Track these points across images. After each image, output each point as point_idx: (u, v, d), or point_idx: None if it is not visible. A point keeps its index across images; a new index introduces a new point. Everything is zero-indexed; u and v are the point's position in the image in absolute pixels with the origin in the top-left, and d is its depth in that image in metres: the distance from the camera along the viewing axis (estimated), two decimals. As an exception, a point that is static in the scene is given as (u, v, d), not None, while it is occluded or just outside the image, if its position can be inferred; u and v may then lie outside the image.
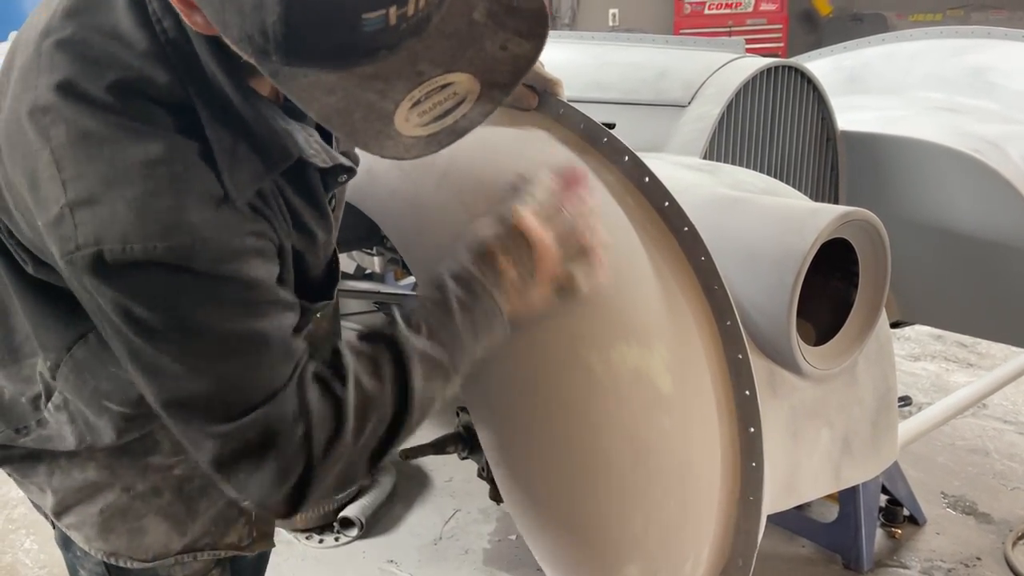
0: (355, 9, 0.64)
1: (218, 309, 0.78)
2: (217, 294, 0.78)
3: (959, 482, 2.72)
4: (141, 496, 1.07)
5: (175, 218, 0.75)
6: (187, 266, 0.75)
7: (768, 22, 8.12)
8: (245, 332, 0.79)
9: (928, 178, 2.13)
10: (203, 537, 1.11)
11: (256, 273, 0.80)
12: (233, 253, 0.78)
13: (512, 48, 0.72)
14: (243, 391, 0.80)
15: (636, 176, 1.14)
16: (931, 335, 3.81)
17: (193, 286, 0.76)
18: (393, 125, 0.69)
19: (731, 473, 1.08)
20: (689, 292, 1.09)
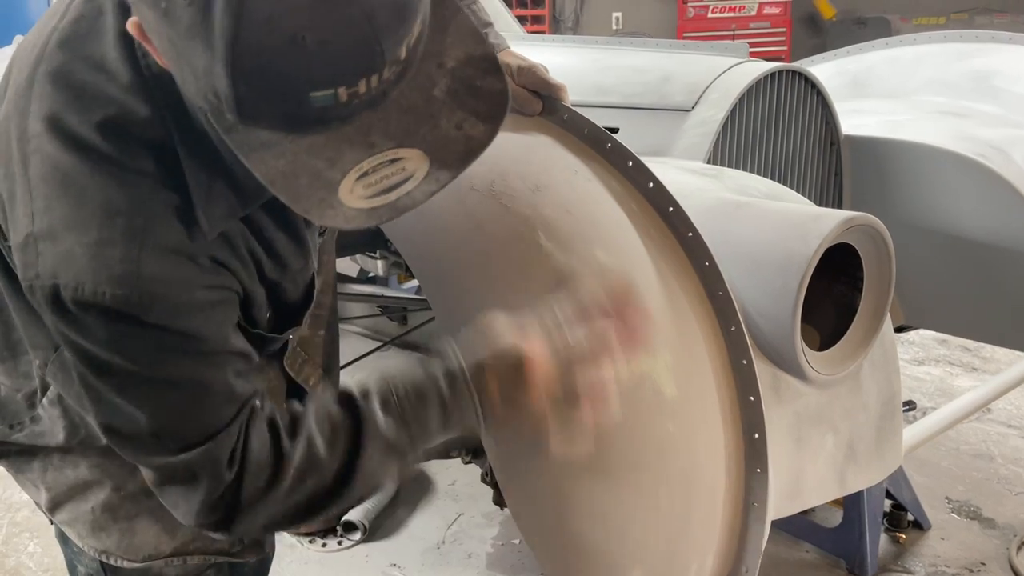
0: (302, 88, 0.64)
1: (161, 357, 0.81)
2: (162, 344, 0.81)
3: (963, 487, 2.71)
4: (132, 496, 1.09)
5: (125, 269, 0.77)
6: (134, 315, 0.78)
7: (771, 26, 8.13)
8: (186, 379, 0.83)
9: (932, 182, 2.13)
10: (193, 541, 1.13)
11: (204, 326, 0.83)
12: (182, 307, 0.80)
13: (467, 129, 0.71)
14: (179, 431, 0.84)
15: (640, 181, 1.14)
16: (935, 339, 3.80)
17: (138, 334, 0.79)
18: (337, 195, 0.69)
19: (736, 479, 1.08)
20: (693, 297, 1.09)
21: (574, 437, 0.96)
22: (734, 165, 1.92)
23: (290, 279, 0.96)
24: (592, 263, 1.06)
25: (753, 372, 1.08)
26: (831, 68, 2.75)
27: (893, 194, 2.18)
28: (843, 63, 2.79)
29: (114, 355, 0.80)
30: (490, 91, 0.72)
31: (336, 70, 0.64)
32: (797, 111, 2.04)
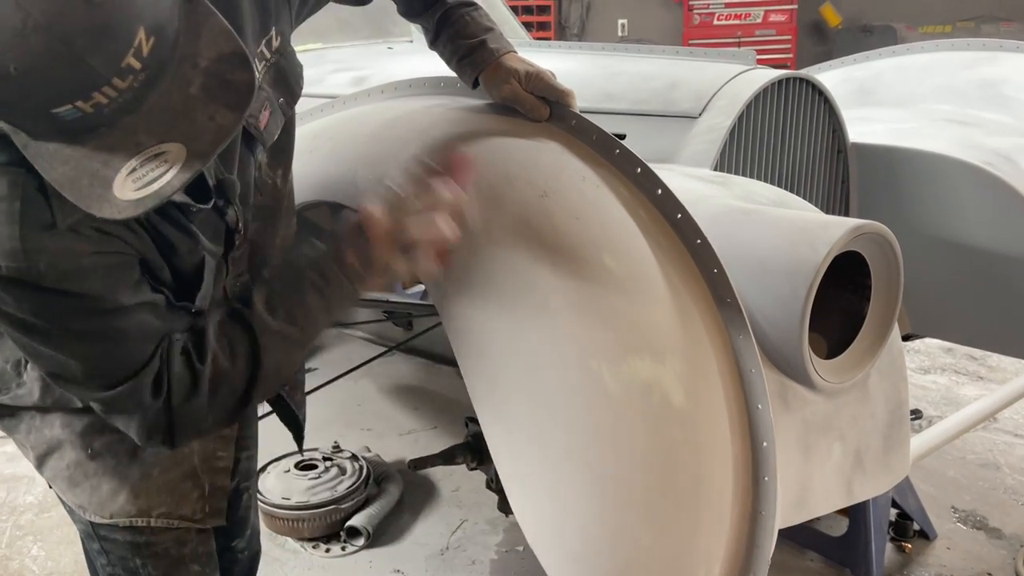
0: (42, 106, 0.77)
1: (68, 315, 0.94)
2: (64, 305, 0.93)
3: (970, 497, 2.70)
4: (98, 455, 1.19)
5: (13, 247, 0.89)
6: (32, 282, 0.91)
7: (777, 33, 8.13)
8: (96, 331, 0.96)
9: (939, 190, 2.13)
10: (158, 505, 1.22)
11: (100, 287, 0.94)
12: (71, 273, 0.92)
13: (218, 119, 0.83)
14: (105, 373, 0.98)
15: (648, 188, 1.14)
16: (941, 348, 3.79)
17: (41, 298, 0.92)
18: (112, 190, 0.81)
19: (743, 487, 1.07)
20: (702, 305, 1.09)
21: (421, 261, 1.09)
22: (741, 172, 1.92)
23: (180, 258, 1.06)
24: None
25: (762, 380, 1.08)
26: (838, 76, 2.75)
27: (900, 202, 2.18)
28: (850, 71, 2.79)
29: (28, 316, 0.93)
30: (239, 83, 0.83)
31: (58, 90, 0.76)
32: (804, 118, 2.04)
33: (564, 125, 1.23)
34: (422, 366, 3.69)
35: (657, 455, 1.04)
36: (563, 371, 1.06)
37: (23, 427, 1.22)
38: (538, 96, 1.25)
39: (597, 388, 1.04)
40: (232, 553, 1.51)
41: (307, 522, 2.51)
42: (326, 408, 3.32)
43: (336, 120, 1.52)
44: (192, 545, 1.27)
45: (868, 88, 2.68)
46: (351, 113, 1.54)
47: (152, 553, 1.24)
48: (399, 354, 3.26)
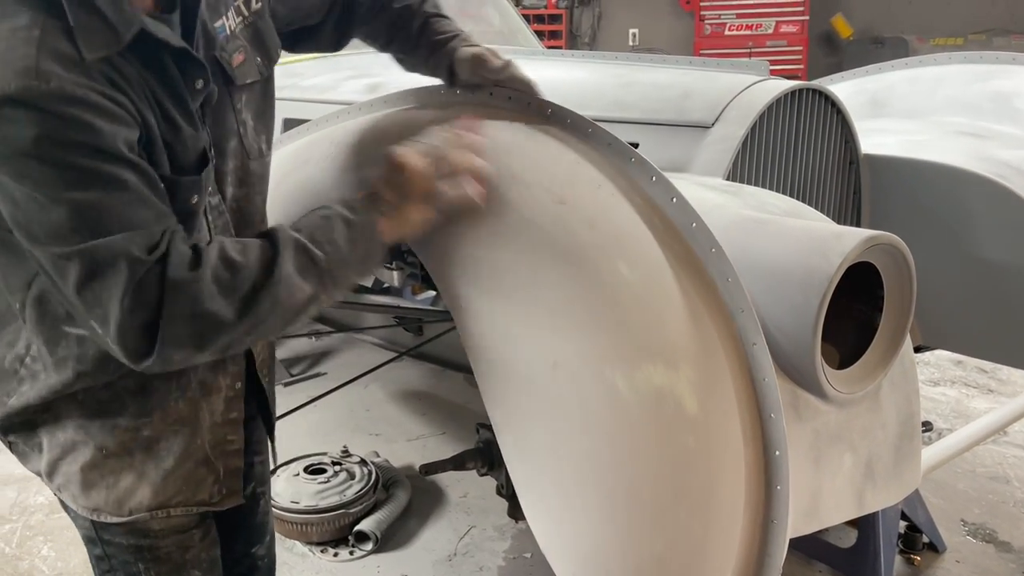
0: None
1: (69, 147, 0.93)
2: (65, 132, 0.92)
3: (979, 510, 2.69)
4: (114, 455, 1.18)
5: (26, 64, 0.91)
6: (37, 103, 0.91)
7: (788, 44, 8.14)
8: (97, 171, 0.94)
9: (951, 202, 2.13)
10: (176, 495, 1.22)
11: (103, 126, 0.94)
12: (79, 101, 0.93)
13: None
14: (100, 220, 0.94)
15: (663, 197, 1.14)
16: (951, 360, 3.78)
17: (44, 122, 0.92)
18: None
19: (755, 496, 1.08)
20: (715, 313, 1.09)
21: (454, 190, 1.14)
22: (753, 182, 1.92)
23: (180, 143, 1.07)
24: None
25: (775, 389, 1.08)
26: (850, 87, 2.75)
27: (912, 214, 2.18)
28: (862, 82, 2.79)
29: (27, 146, 0.91)
30: None
31: None
32: (817, 129, 2.04)
33: (580, 134, 1.24)
34: (431, 372, 3.70)
35: (670, 462, 1.04)
36: (577, 377, 1.06)
37: (42, 432, 1.19)
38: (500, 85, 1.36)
39: (611, 395, 1.04)
40: (252, 559, 1.50)
41: (316, 526, 2.52)
42: (335, 413, 3.34)
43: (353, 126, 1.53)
44: (195, 551, 1.28)
45: (880, 100, 2.68)
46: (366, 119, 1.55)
47: (155, 557, 1.24)
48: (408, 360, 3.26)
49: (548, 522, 1.12)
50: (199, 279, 0.97)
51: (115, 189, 0.95)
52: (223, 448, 1.25)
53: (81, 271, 0.95)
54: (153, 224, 0.97)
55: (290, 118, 2.61)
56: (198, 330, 0.99)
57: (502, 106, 1.35)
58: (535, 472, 1.11)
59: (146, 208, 0.97)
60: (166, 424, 1.19)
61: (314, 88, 2.74)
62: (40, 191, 0.93)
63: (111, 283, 0.95)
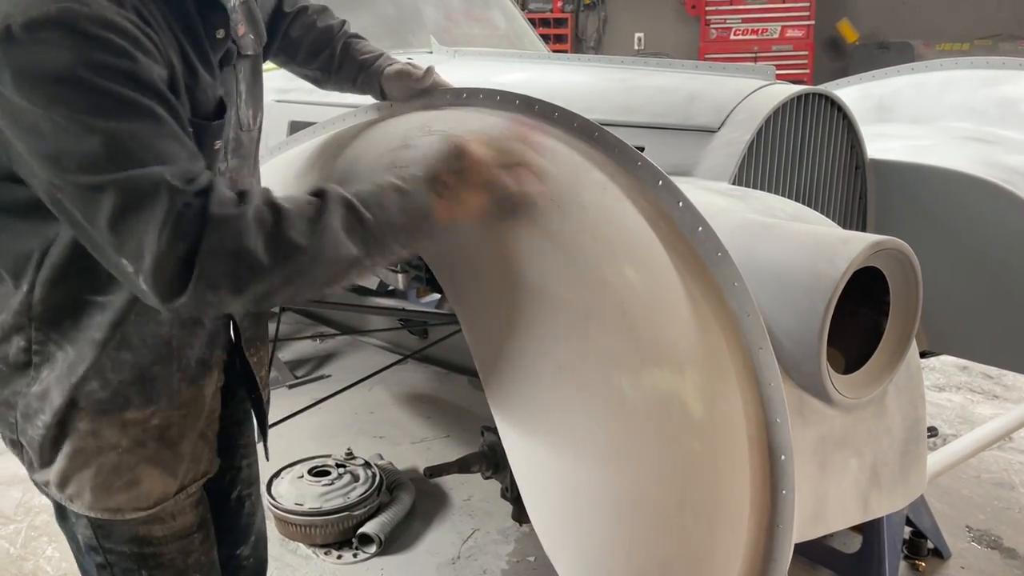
0: None
1: (106, 71, 0.91)
2: (103, 57, 0.91)
3: (984, 516, 2.68)
4: (129, 450, 1.17)
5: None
6: (77, 26, 0.90)
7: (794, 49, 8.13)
8: (132, 99, 0.92)
9: (957, 208, 2.12)
10: (188, 473, 1.24)
11: (139, 56, 0.93)
12: (117, 27, 0.92)
13: None
14: (135, 148, 0.92)
15: (669, 201, 1.15)
16: (956, 366, 3.77)
17: (83, 45, 0.90)
18: None
19: (761, 500, 1.08)
20: (721, 318, 1.09)
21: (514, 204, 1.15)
22: (759, 186, 1.92)
23: (200, 90, 1.07)
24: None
25: (781, 393, 1.08)
26: (856, 92, 2.75)
27: (917, 219, 2.17)
28: (868, 87, 2.79)
29: (64, 72, 0.89)
30: None
31: None
32: (823, 134, 2.04)
33: (586, 137, 1.24)
34: (435, 375, 3.70)
35: (675, 467, 1.04)
36: (583, 381, 1.06)
37: (53, 447, 1.16)
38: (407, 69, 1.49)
39: (616, 399, 1.04)
40: (237, 561, 1.51)
41: (319, 528, 2.52)
42: (340, 415, 3.34)
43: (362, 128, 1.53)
44: (196, 555, 1.28)
45: (886, 105, 2.68)
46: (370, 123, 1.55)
47: (158, 564, 1.24)
48: (413, 362, 3.26)
49: (553, 525, 1.12)
50: (242, 216, 0.94)
51: (151, 121, 0.93)
52: (212, 416, 1.28)
53: (117, 201, 0.91)
54: (188, 161, 0.95)
55: (296, 120, 2.62)
56: (236, 269, 0.94)
57: (510, 109, 1.35)
58: (540, 475, 1.11)
59: (180, 144, 0.96)
60: (173, 409, 1.19)
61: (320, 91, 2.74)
62: (75, 118, 0.90)
63: (149, 213, 0.91)
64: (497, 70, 2.61)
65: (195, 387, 1.23)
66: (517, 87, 1.45)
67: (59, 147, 0.91)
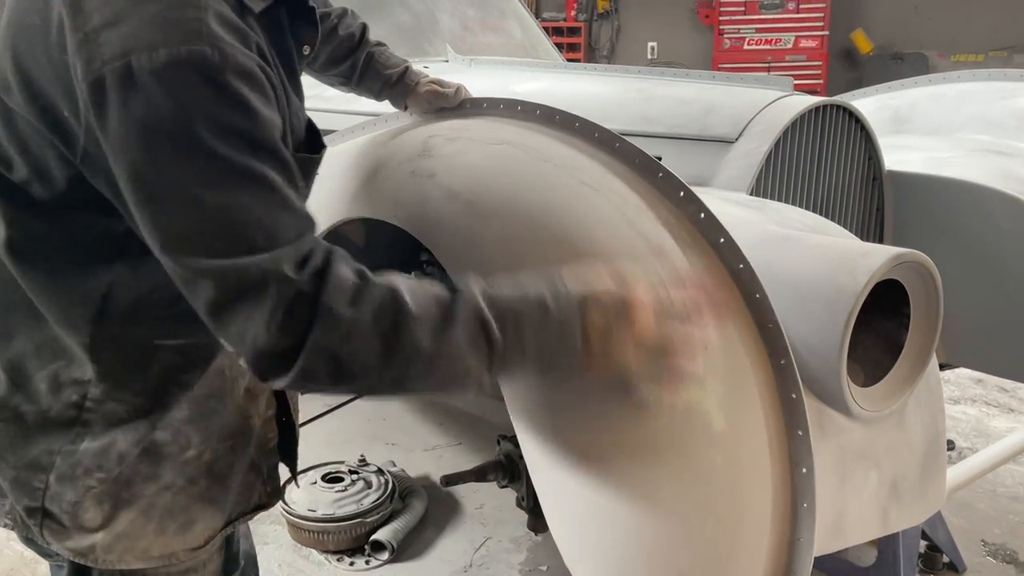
0: None
1: (227, 134, 0.81)
2: (228, 115, 0.81)
3: (1000, 530, 2.66)
4: (181, 489, 1.09)
5: (197, 27, 0.81)
6: (206, 73, 0.80)
7: (808, 59, 8.13)
8: (249, 168, 0.82)
9: (975, 220, 2.11)
10: (236, 507, 1.16)
11: (261, 108, 0.84)
12: (244, 74, 0.83)
13: None
14: (245, 229, 0.82)
15: (691, 211, 1.15)
16: (971, 378, 3.75)
17: (209, 98, 0.80)
18: None
19: (782, 513, 1.07)
20: (743, 330, 1.09)
21: (660, 388, 1.02)
22: (776, 198, 1.92)
23: (294, 115, 1.00)
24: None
25: (802, 406, 1.08)
26: (872, 103, 2.75)
27: (935, 231, 2.17)
28: (884, 98, 2.78)
29: (183, 127, 0.80)
30: None
31: None
32: (841, 146, 2.04)
33: (607, 148, 1.24)
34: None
35: (697, 479, 1.04)
36: (604, 392, 1.06)
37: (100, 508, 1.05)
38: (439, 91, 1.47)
39: (639, 410, 1.04)
40: None
41: (332, 535, 2.52)
42: (352, 422, 3.34)
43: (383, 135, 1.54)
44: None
45: (903, 116, 2.67)
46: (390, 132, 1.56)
47: None
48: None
49: (573, 535, 1.12)
50: (357, 319, 0.83)
51: (265, 190, 0.83)
52: (265, 447, 1.20)
53: (220, 290, 0.82)
54: (301, 232, 0.85)
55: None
56: (340, 368, 0.85)
57: (530, 118, 1.36)
58: (561, 485, 1.11)
59: (293, 213, 0.85)
60: (221, 441, 1.12)
61: (338, 98, 2.76)
62: (185, 183, 0.81)
63: (255, 308, 0.82)
64: (514, 79, 2.62)
65: (241, 415, 1.15)
66: (534, 96, 1.46)
67: (163, 212, 0.83)
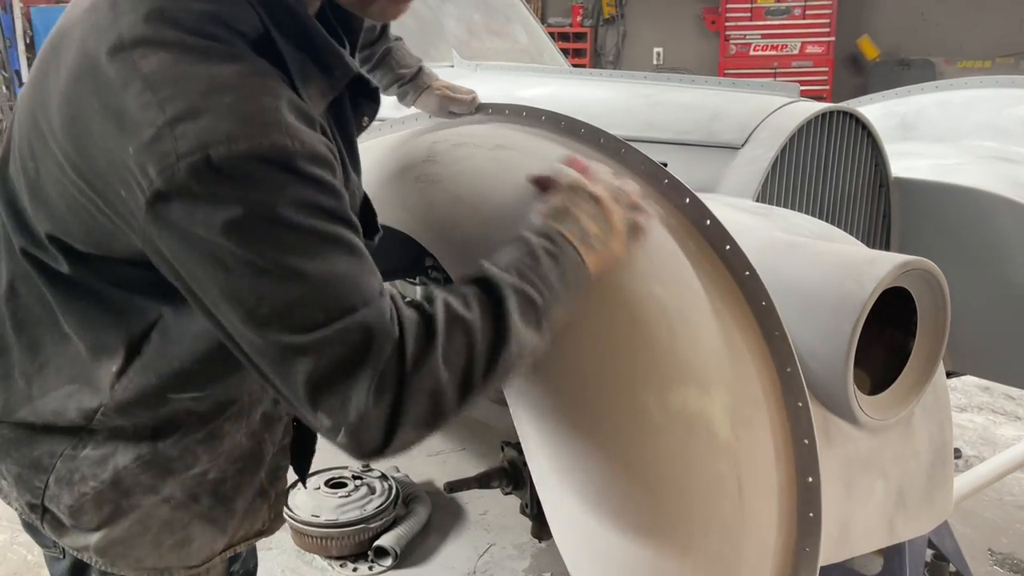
0: None
1: (313, 211, 0.81)
2: (311, 195, 0.81)
3: (1007, 539, 2.65)
4: (182, 505, 1.09)
5: (275, 117, 0.80)
6: (286, 163, 0.80)
7: (814, 65, 8.12)
8: (338, 236, 0.83)
9: (982, 227, 2.10)
10: (239, 531, 1.15)
11: (337, 185, 0.85)
12: (320, 159, 0.83)
13: None
14: (341, 295, 0.81)
15: (697, 218, 1.14)
16: (978, 386, 3.73)
17: (291, 184, 0.80)
18: None
19: (787, 523, 1.06)
20: (749, 337, 1.09)
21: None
22: (782, 204, 1.91)
23: (351, 191, 0.98)
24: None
25: (808, 415, 1.07)
26: (878, 109, 2.74)
27: (942, 238, 2.16)
28: (891, 105, 2.78)
29: (269, 214, 0.79)
30: None
31: None
32: (847, 152, 2.03)
33: (612, 154, 1.24)
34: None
35: (702, 487, 1.03)
36: (609, 400, 1.06)
37: (100, 510, 1.06)
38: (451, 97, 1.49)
39: (643, 418, 1.04)
40: None
41: (335, 540, 2.52)
42: (356, 427, 3.33)
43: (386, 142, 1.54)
44: None
45: (910, 123, 2.66)
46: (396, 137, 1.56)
47: None
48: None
49: (577, 543, 1.11)
50: (434, 349, 0.84)
51: (356, 255, 0.84)
52: (276, 474, 1.20)
53: (322, 361, 0.81)
54: (383, 290, 0.86)
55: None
56: (437, 407, 0.85)
57: (535, 124, 1.35)
58: (565, 493, 1.10)
59: (374, 275, 0.86)
60: (231, 463, 1.11)
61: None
62: (279, 260, 0.79)
63: (358, 369, 0.81)
64: (519, 84, 2.61)
65: (255, 440, 1.14)
66: (540, 102, 1.46)
67: (258, 294, 0.80)
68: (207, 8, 0.84)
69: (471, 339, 0.86)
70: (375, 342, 0.81)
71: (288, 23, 0.88)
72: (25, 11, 6.79)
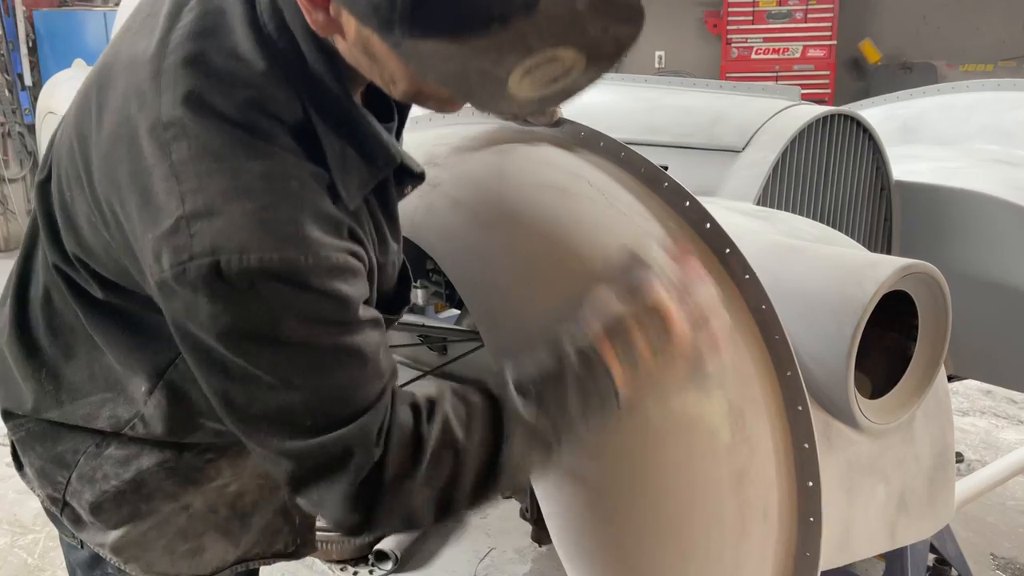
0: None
1: (318, 325, 0.80)
2: (319, 309, 0.80)
3: (1009, 544, 2.64)
4: (199, 514, 1.09)
5: (292, 231, 0.78)
6: (297, 279, 0.78)
7: (816, 68, 8.11)
8: (341, 347, 0.81)
9: (984, 231, 2.10)
10: (254, 547, 1.15)
11: (350, 291, 0.82)
12: (337, 271, 0.80)
13: (612, 31, 0.75)
14: (332, 407, 0.82)
15: (697, 221, 1.14)
16: (980, 390, 3.72)
17: (299, 300, 0.78)
18: (507, 88, 0.73)
19: (788, 528, 1.06)
20: (749, 341, 1.08)
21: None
22: (783, 207, 1.91)
23: (389, 263, 0.97)
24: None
25: (808, 418, 1.07)
26: (880, 113, 2.73)
27: (943, 242, 2.15)
28: (892, 108, 2.77)
29: (273, 329, 0.78)
30: (626, 3, 0.75)
31: None
32: (848, 155, 2.03)
33: (612, 158, 1.24)
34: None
35: (702, 492, 1.03)
36: (609, 403, 1.05)
37: (118, 511, 1.07)
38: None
39: (642, 422, 1.03)
40: None
41: (336, 544, 2.51)
42: (357, 430, 3.33)
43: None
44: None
45: (912, 126, 2.66)
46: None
47: None
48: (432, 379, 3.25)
49: (576, 549, 1.11)
50: (417, 473, 0.84)
51: (357, 363, 0.83)
52: None
53: (296, 468, 0.83)
54: (383, 390, 0.85)
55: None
56: (411, 522, 0.88)
57: (532, 127, 1.35)
58: (565, 498, 1.10)
59: (380, 377, 0.85)
60: (252, 478, 1.11)
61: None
62: (277, 373, 0.80)
63: (335, 482, 0.83)
64: (520, 88, 2.61)
65: None
66: (542, 105, 1.45)
67: (249, 396, 0.82)
68: (247, 95, 0.81)
69: (460, 469, 0.86)
70: (354, 461, 0.82)
71: (330, 109, 0.85)
72: (28, 15, 6.80)
